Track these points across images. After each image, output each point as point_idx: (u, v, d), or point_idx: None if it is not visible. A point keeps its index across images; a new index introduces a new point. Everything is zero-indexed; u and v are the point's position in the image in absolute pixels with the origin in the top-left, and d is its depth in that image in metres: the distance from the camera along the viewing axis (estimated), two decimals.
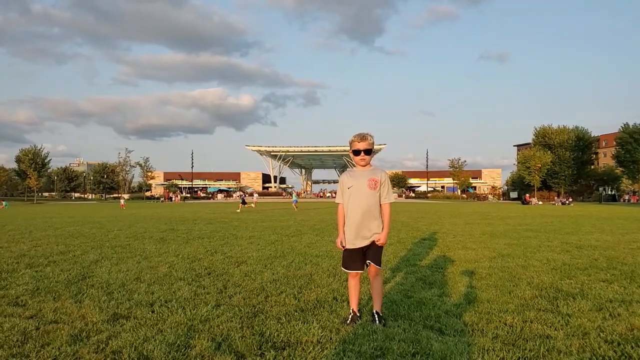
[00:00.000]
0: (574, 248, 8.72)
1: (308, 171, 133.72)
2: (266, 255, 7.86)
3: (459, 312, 4.17)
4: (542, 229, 13.25)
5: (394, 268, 6.53)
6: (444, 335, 3.55)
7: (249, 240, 10.32)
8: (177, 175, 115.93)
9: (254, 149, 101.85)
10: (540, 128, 66.57)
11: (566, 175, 61.58)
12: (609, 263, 6.87)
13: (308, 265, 6.78)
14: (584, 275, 5.93)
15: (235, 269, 6.43)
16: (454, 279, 5.69)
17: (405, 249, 8.63)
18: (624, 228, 13.53)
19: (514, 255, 7.81)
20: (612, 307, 4.29)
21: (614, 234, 11.72)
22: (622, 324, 3.78)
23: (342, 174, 4.05)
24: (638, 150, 54.16)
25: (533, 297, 4.74)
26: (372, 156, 3.90)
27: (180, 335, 3.53)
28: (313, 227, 14.16)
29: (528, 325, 3.77)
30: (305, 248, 8.79)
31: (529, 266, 6.64)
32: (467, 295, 4.83)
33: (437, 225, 14.83)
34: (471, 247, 8.86)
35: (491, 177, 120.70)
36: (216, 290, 5.08)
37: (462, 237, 11.02)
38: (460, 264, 6.84)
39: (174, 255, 7.92)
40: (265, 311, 4.22)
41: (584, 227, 14.15)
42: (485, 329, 3.69)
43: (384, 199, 3.88)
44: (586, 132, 63.63)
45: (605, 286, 5.25)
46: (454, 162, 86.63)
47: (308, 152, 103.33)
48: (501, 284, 5.40)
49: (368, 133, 3.85)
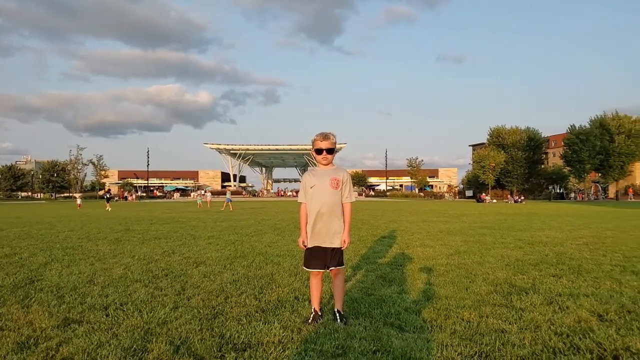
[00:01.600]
0: (526, 244, 9.06)
1: (269, 170, 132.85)
2: (226, 255, 7.75)
3: (418, 308, 4.24)
4: (496, 227, 13.71)
5: (355, 266, 6.58)
6: (404, 332, 3.60)
7: (207, 240, 10.15)
8: (132, 173, 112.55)
9: (213, 147, 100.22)
10: (494, 128, 68.78)
11: (518, 174, 63.98)
12: (558, 258, 7.18)
13: (269, 265, 6.73)
14: (536, 270, 6.17)
15: (193, 270, 6.30)
16: (413, 276, 5.79)
17: (366, 247, 8.71)
18: (571, 225, 14.18)
19: (470, 252, 8.03)
20: (562, 301, 4.48)
21: (562, 230, 12.27)
22: (570, 316, 3.96)
23: (304, 173, 4.04)
24: (583, 150, 56.93)
25: (488, 292, 4.88)
26: (334, 155, 3.91)
27: (136, 339, 3.42)
28: (274, 226, 14.08)
29: (484, 320, 3.88)
30: (266, 248, 8.72)
31: (484, 263, 6.85)
32: (425, 291, 4.93)
33: (396, 223, 15.07)
34: (429, 245, 9.05)
35: (447, 176, 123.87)
36: (174, 292, 4.95)
37: (420, 234, 11.24)
38: (419, 261, 6.97)
39: (130, 256, 7.68)
40: (225, 312, 4.16)
41: (535, 224, 14.74)
42: (443, 324, 3.77)
43: (345, 198, 3.90)
44: (537, 133, 66.27)
45: (555, 281, 5.48)
46: (411, 161, 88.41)
47: (269, 151, 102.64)
48: (458, 280, 5.54)
49: (330, 132, 3.86)
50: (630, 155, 57.48)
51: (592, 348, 3.21)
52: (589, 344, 3.27)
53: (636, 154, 58.07)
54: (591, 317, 3.93)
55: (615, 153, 57.16)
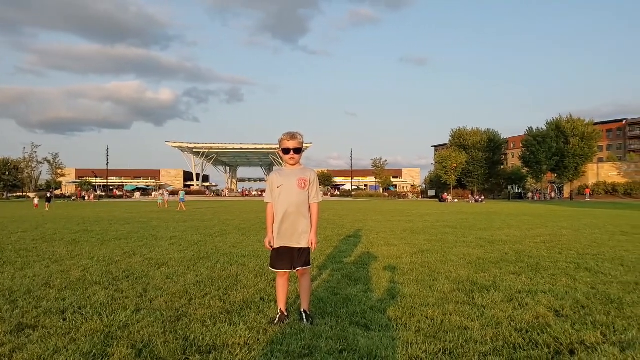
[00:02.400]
0: (486, 243, 9.31)
1: (233, 169, 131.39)
2: (189, 256, 7.61)
3: (383, 307, 4.28)
4: (458, 226, 14.03)
5: (321, 266, 6.59)
6: (369, 330, 3.63)
7: (170, 241, 9.93)
8: (90, 172, 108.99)
9: (175, 145, 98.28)
10: (456, 130, 70.45)
11: (479, 175, 65.76)
12: (517, 257, 7.41)
13: (234, 265, 6.65)
14: (496, 268, 6.35)
15: (156, 272, 6.16)
16: (378, 275, 5.85)
17: (332, 247, 8.74)
18: (529, 224, 14.68)
19: (433, 250, 8.19)
20: (521, 298, 4.62)
21: (521, 229, 12.68)
22: (529, 312, 4.09)
23: (271, 173, 4.01)
24: (540, 152, 59.08)
25: (451, 290, 4.99)
26: (301, 155, 3.90)
27: (96, 343, 3.30)
28: (238, 226, 13.94)
29: (447, 317, 3.96)
30: (231, 248, 8.62)
31: (447, 261, 6.99)
32: (390, 290, 4.98)
33: (361, 223, 15.19)
34: (393, 244, 9.17)
35: (411, 176, 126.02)
36: (136, 294, 4.82)
37: (385, 233, 11.38)
38: (384, 260, 7.04)
39: (88, 257, 7.43)
40: (189, 314, 4.08)
41: (495, 223, 15.17)
42: (408, 322, 3.82)
43: (312, 198, 3.89)
44: (497, 134, 68.30)
45: (515, 278, 5.65)
46: (376, 161, 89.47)
47: (233, 150, 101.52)
48: (422, 278, 5.63)
49: (298, 132, 3.84)
50: (584, 156, 60.07)
51: (550, 343, 3.33)
52: (546, 339, 3.39)
53: (589, 156, 60.75)
54: (548, 313, 4.07)
55: (570, 155, 59.59)
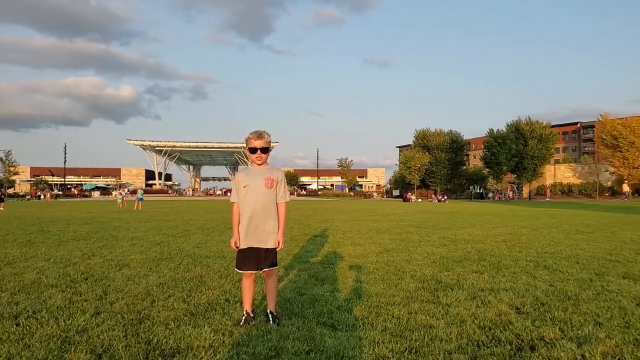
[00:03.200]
0: (450, 242, 9.49)
1: (196, 168, 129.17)
2: (151, 257, 7.42)
3: (350, 306, 4.29)
4: (422, 225, 14.26)
5: (287, 266, 6.55)
6: (336, 330, 3.62)
7: (131, 241, 9.66)
8: (46, 170, 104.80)
9: (137, 143, 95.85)
10: (419, 131, 71.64)
11: (442, 175, 67.10)
12: (480, 255, 7.58)
13: (198, 266, 6.53)
14: (460, 267, 6.48)
15: (116, 273, 5.97)
16: (345, 275, 5.86)
17: (298, 247, 8.71)
18: (490, 223, 15.07)
19: (398, 249, 8.28)
20: (484, 296, 4.72)
21: (483, 228, 13.00)
22: (492, 310, 4.18)
23: (237, 172, 3.95)
24: (501, 153, 60.81)
25: (416, 289, 5.05)
26: (268, 155, 3.85)
27: (52, 349, 3.16)
28: (202, 226, 13.71)
29: (413, 316, 4.00)
30: (195, 249, 8.46)
31: (412, 260, 7.08)
32: (357, 289, 5.00)
33: (327, 223, 15.22)
34: (359, 243, 9.22)
35: (376, 176, 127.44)
36: (95, 297, 4.65)
37: (351, 233, 11.44)
38: (350, 260, 7.07)
39: (44, 259, 7.13)
40: (152, 317, 3.96)
41: (457, 222, 15.50)
42: (374, 322, 3.84)
43: (280, 198, 3.85)
44: (459, 136, 69.90)
45: (477, 276, 5.77)
46: (342, 161, 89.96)
47: (196, 148, 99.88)
48: (388, 277, 5.68)
49: (265, 131, 3.79)
50: (542, 158, 62.20)
51: (512, 339, 3.41)
52: (508, 336, 3.47)
53: (546, 157, 62.96)
54: (510, 310, 4.18)
55: (529, 156, 61.58)
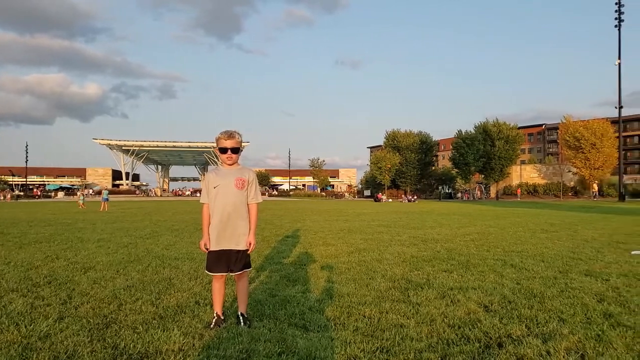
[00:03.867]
0: (420, 242, 9.61)
1: (165, 168, 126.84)
2: (118, 259, 7.24)
3: (321, 307, 4.29)
4: (393, 225, 14.40)
5: (259, 267, 6.50)
6: (308, 331, 3.61)
7: (97, 243, 9.41)
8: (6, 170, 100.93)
9: (103, 142, 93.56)
10: (390, 132, 72.45)
11: (412, 175, 68.05)
12: (449, 254, 7.71)
13: (167, 268, 6.40)
14: (429, 266, 6.57)
15: (81, 276, 5.79)
16: (317, 275, 5.86)
17: (270, 247, 8.66)
18: (459, 223, 15.35)
19: (369, 249, 8.34)
20: (453, 294, 4.80)
21: (451, 227, 13.23)
22: (461, 308, 4.25)
23: (207, 173, 3.89)
24: (469, 153, 62.09)
25: (387, 288, 5.09)
26: (239, 155, 3.81)
27: (13, 356, 3.04)
28: (171, 227, 13.47)
29: (384, 315, 4.02)
30: (163, 250, 8.30)
31: (382, 259, 7.14)
32: (328, 290, 5.00)
33: (299, 223, 15.20)
34: (331, 243, 9.24)
35: (347, 176, 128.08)
36: (59, 301, 4.50)
37: (323, 233, 11.45)
38: (322, 260, 7.07)
39: (4, 263, 6.86)
40: (119, 321, 3.86)
41: (427, 222, 15.72)
42: (346, 322, 3.85)
43: (251, 198, 3.81)
44: (428, 137, 71.03)
45: (447, 275, 5.87)
46: (314, 161, 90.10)
47: (165, 148, 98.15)
48: (359, 277, 5.71)
49: (236, 131, 3.75)
50: (508, 159, 63.82)
51: (480, 337, 3.47)
52: (477, 334, 3.53)
53: (513, 158, 64.64)
54: (478, 308, 4.26)
55: (496, 157, 63.07)
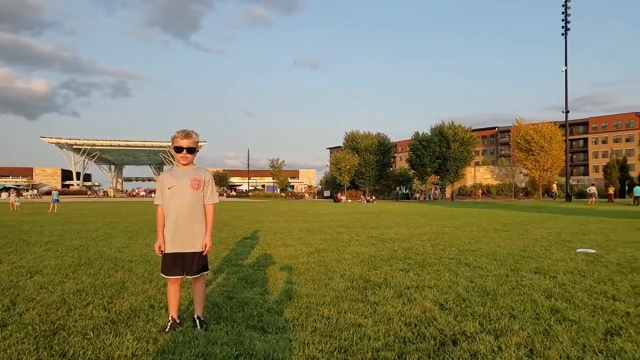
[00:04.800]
0: (378, 241, 9.74)
1: (118, 167, 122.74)
2: (67, 262, 6.94)
3: (280, 309, 4.26)
4: (352, 225, 14.52)
5: (216, 269, 6.39)
6: (266, 333, 3.58)
7: (44, 246, 8.99)
8: None
9: (52, 141, 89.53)
10: (349, 133, 73.17)
11: (370, 176, 68.97)
12: (406, 254, 7.84)
13: (120, 271, 6.19)
14: (387, 265, 6.66)
15: (27, 281, 5.51)
16: (275, 276, 5.82)
17: (227, 249, 8.54)
18: (415, 222, 15.66)
19: (329, 249, 8.37)
20: (410, 293, 4.88)
21: (408, 227, 13.47)
22: (417, 307, 4.33)
23: (161, 173, 3.78)
24: (425, 155, 63.56)
25: (346, 288, 5.12)
26: (195, 155, 3.73)
27: None
28: (125, 229, 13.05)
29: (342, 315, 4.04)
30: (116, 253, 8.03)
31: (341, 260, 7.18)
32: (287, 291, 4.98)
33: (258, 224, 15.07)
34: (290, 244, 9.21)
35: (307, 177, 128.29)
36: (2, 308, 4.27)
37: (282, 234, 11.40)
38: (281, 261, 7.04)
39: None
40: (68, 327, 3.70)
41: (384, 222, 15.95)
42: (304, 323, 3.84)
43: (207, 199, 3.74)
44: (386, 138, 72.24)
45: (404, 274, 5.96)
46: (273, 162, 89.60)
47: (119, 147, 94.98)
48: (318, 278, 5.71)
49: (193, 130, 3.67)
50: (463, 160, 65.72)
51: (436, 335, 3.55)
52: (433, 332, 3.61)
53: (467, 160, 66.62)
54: (434, 306, 4.35)
55: (451, 158, 64.80)
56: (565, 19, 45.91)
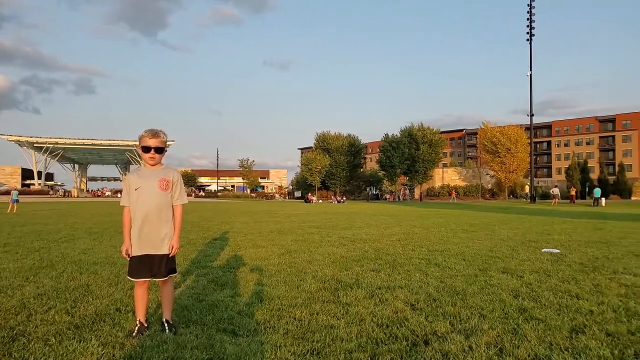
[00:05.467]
0: (349, 242, 9.76)
1: (83, 167, 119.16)
2: (28, 265, 6.67)
3: (251, 311, 4.20)
4: (323, 225, 14.52)
5: (185, 272, 6.26)
6: (237, 336, 3.52)
7: (3, 248, 8.62)
8: None
9: (11, 138, 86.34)
10: (320, 134, 73.42)
11: (341, 177, 69.39)
12: (376, 254, 7.88)
13: (84, 274, 5.99)
14: (358, 266, 6.67)
15: None
16: (246, 278, 5.74)
17: (196, 251, 8.39)
18: (386, 223, 15.78)
19: (300, 250, 8.33)
20: (381, 293, 4.89)
21: (379, 228, 13.57)
22: (389, 307, 4.34)
23: (128, 173, 3.67)
24: (395, 156, 64.35)
25: (318, 289, 5.09)
26: (163, 155, 3.63)
27: None
28: (89, 230, 12.66)
29: (314, 317, 4.02)
30: (80, 255, 7.77)
31: (313, 260, 7.15)
32: (258, 293, 4.92)
33: (228, 225, 14.89)
34: (261, 245, 9.12)
35: (278, 177, 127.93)
36: None
37: (253, 235, 11.29)
38: (251, 263, 6.96)
39: None
40: (28, 333, 3.54)
41: (355, 222, 16.01)
42: (276, 325, 3.80)
43: (176, 200, 3.65)
44: (357, 140, 72.85)
45: (375, 275, 5.98)
46: (243, 162, 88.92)
47: (83, 145, 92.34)
48: (289, 279, 5.67)
49: (161, 130, 3.57)
50: (431, 162, 66.83)
51: (407, 335, 3.56)
52: (404, 332, 3.62)
53: (436, 161, 67.78)
54: (405, 307, 4.37)
55: (420, 160, 65.79)
56: (530, 25, 47.32)
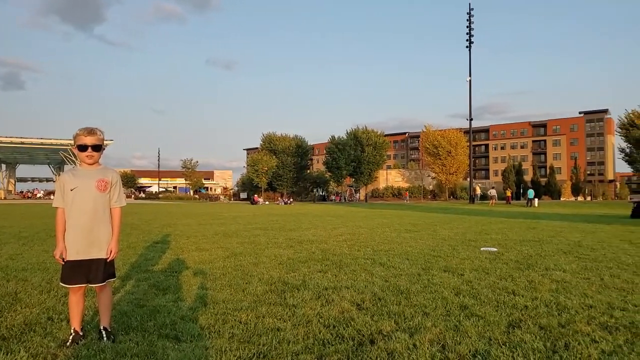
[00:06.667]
0: (296, 243, 9.73)
1: (11, 167, 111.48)
2: None
3: (195, 316, 4.08)
4: (269, 227, 14.41)
5: (124, 276, 5.99)
6: (180, 342, 3.41)
7: None
8: None
9: None
10: (266, 134, 73.00)
11: (288, 178, 69.30)
12: (323, 255, 7.91)
13: (12, 281, 5.60)
14: (305, 267, 6.66)
15: None
16: (189, 282, 5.58)
17: (136, 254, 8.06)
18: (332, 224, 15.90)
19: (246, 253, 8.21)
20: (328, 294, 4.91)
21: (325, 229, 13.64)
22: (335, 308, 4.36)
23: (62, 173, 3.46)
24: (341, 158, 65.21)
25: (264, 292, 5.03)
26: (101, 153, 3.45)
27: None
28: (18, 234, 11.87)
29: (261, 320, 3.96)
30: (7, 261, 7.26)
31: (259, 263, 7.07)
32: (202, 297, 4.79)
33: (170, 227, 14.45)
34: (205, 248, 8.92)
35: (223, 178, 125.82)
36: None
37: (196, 238, 11.01)
38: (195, 266, 6.78)
39: None
40: None
41: (302, 224, 16.02)
42: (221, 329, 3.71)
43: (114, 202, 3.48)
44: (304, 141, 73.12)
45: (322, 276, 6.00)
46: (186, 162, 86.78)
47: (11, 144, 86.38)
48: (235, 282, 5.57)
49: (97, 127, 3.40)
50: (376, 163, 68.25)
51: (354, 335, 3.58)
52: (351, 332, 3.64)
53: (380, 163, 69.27)
54: (351, 307, 4.40)
55: (365, 161, 66.98)
56: (470, 32, 49.38)
